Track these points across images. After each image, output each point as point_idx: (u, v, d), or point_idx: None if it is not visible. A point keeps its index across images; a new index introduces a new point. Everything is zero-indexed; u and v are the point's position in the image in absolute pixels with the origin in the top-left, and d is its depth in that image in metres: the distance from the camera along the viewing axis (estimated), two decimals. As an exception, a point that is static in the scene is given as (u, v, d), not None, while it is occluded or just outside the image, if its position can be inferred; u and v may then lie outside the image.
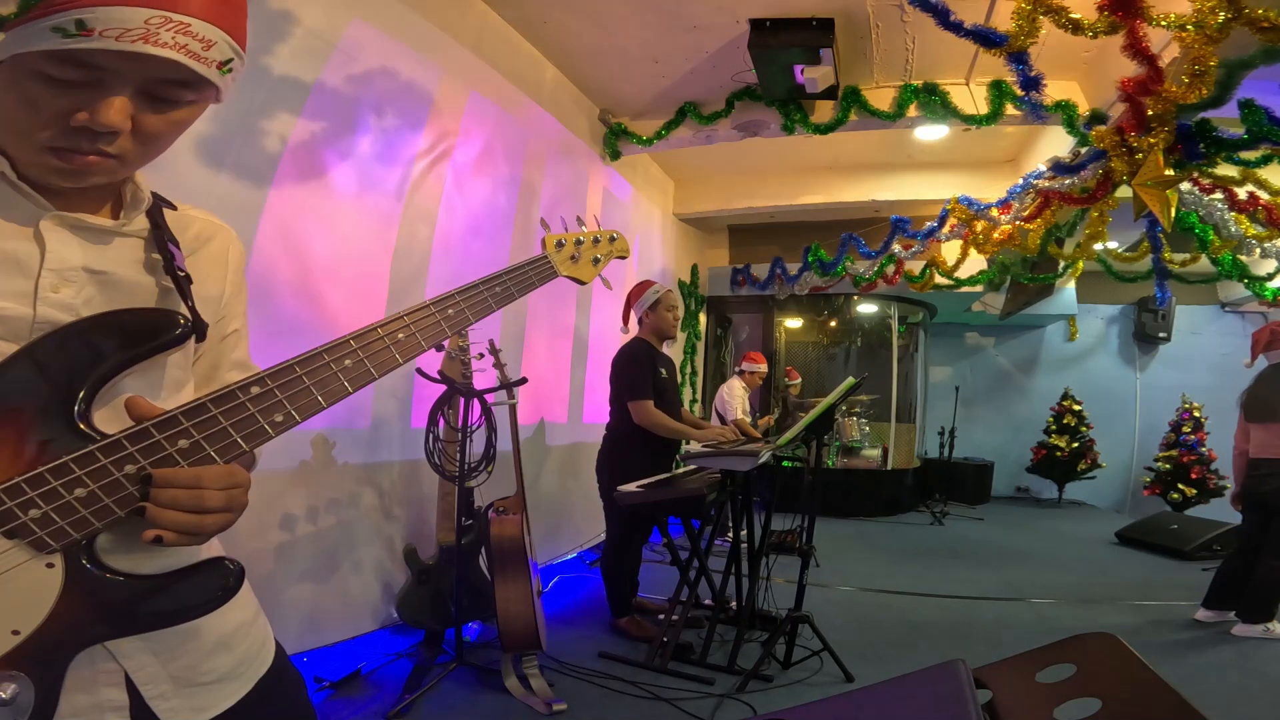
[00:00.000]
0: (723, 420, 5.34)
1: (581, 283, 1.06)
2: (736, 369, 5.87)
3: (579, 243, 1.05)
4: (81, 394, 0.65)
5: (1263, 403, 3.69)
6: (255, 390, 0.70)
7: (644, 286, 3.54)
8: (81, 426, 0.65)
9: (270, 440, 0.72)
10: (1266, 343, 3.75)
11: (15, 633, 0.61)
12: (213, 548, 0.87)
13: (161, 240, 0.79)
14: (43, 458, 0.62)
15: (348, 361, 0.74)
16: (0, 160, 0.68)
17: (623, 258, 1.13)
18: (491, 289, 0.89)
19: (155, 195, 0.82)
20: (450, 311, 0.84)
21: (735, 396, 5.57)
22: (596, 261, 1.06)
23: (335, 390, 0.74)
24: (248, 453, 0.71)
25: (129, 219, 0.77)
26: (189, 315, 0.74)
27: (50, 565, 0.63)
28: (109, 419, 0.70)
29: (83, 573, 0.64)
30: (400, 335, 0.78)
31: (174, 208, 0.85)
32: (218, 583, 0.71)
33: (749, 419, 5.53)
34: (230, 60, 0.71)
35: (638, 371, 3.30)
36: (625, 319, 3.57)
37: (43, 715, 0.63)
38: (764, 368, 5.81)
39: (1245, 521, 3.78)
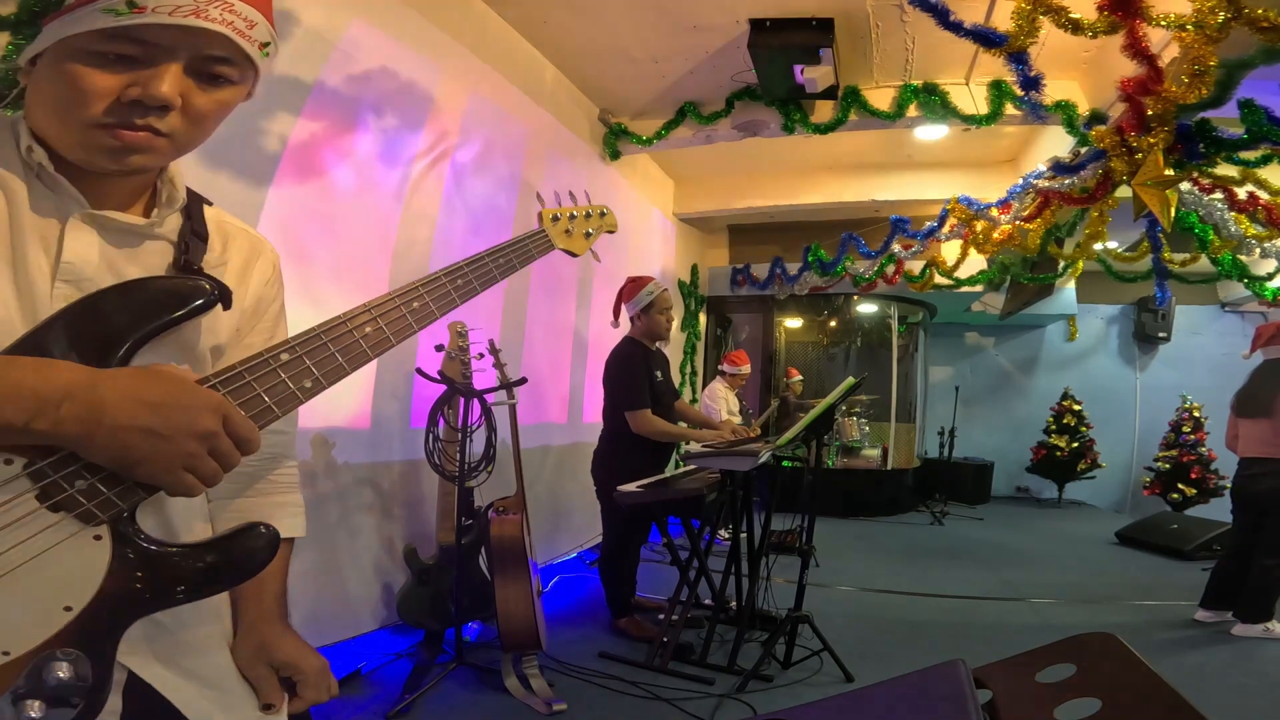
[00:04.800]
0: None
1: (574, 254, 1.11)
2: (719, 369, 5.85)
3: (573, 217, 1.09)
4: (115, 362, 0.64)
5: (1253, 398, 3.68)
6: (285, 357, 0.71)
7: (638, 284, 3.38)
8: None
9: (300, 405, 0.73)
10: (1269, 338, 3.73)
11: (68, 609, 0.61)
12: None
13: (187, 234, 0.79)
14: None
15: (368, 329, 0.77)
16: (39, 151, 0.68)
17: (611, 231, 1.17)
18: (496, 260, 0.92)
19: (190, 191, 0.82)
20: (460, 282, 0.87)
21: (718, 399, 5.54)
22: (588, 235, 1.11)
23: (358, 356, 0.76)
24: (280, 417, 0.71)
25: (161, 218, 0.77)
26: (215, 281, 0.73)
27: (98, 538, 0.62)
28: None
29: (130, 544, 0.64)
30: (415, 304, 0.82)
31: (209, 203, 0.85)
32: (256, 546, 0.71)
33: (738, 419, 5.50)
34: (269, 44, 0.73)
35: (632, 379, 3.21)
36: (616, 314, 3.43)
37: (99, 693, 0.62)
38: (745, 369, 5.68)
39: (1236, 522, 3.77)
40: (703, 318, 8.09)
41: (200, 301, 0.70)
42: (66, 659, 0.60)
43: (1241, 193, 3.91)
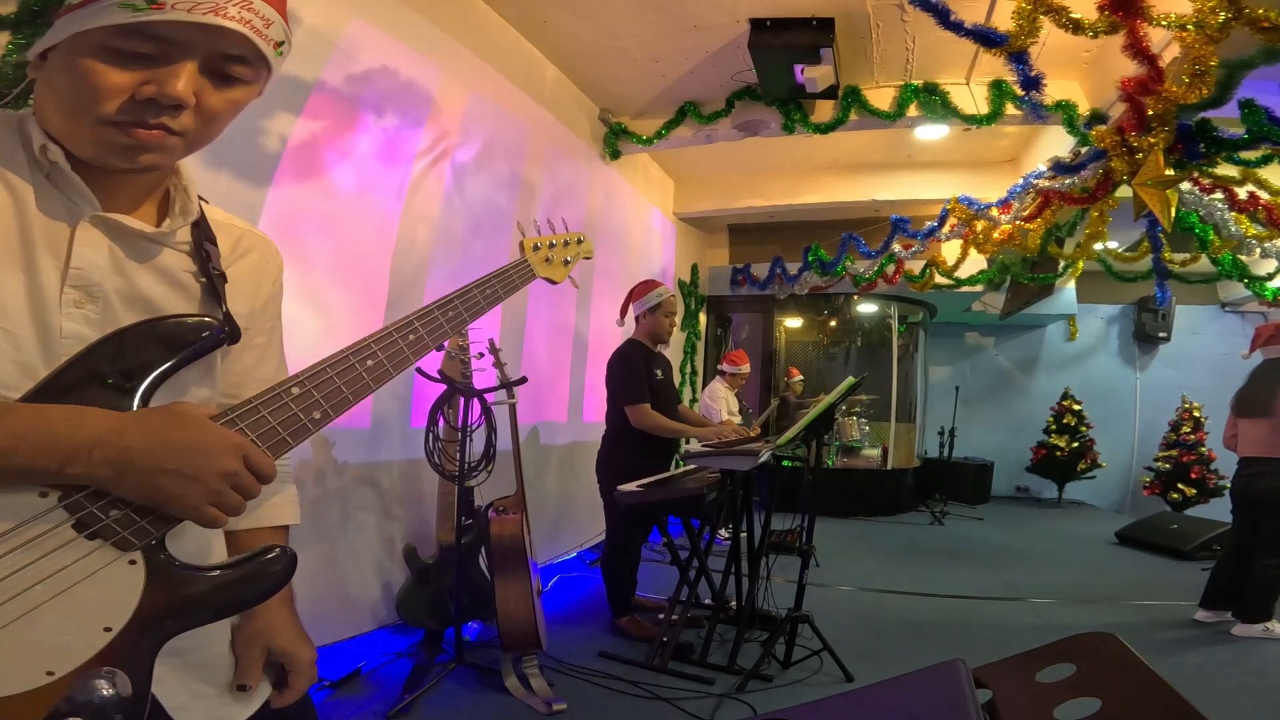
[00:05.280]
0: None
1: (554, 282, 1.16)
2: (718, 369, 5.85)
3: (552, 245, 1.15)
4: (136, 400, 0.68)
5: (1253, 398, 3.68)
6: (295, 391, 0.74)
7: (648, 286, 3.52)
8: None
9: (311, 435, 0.76)
10: (1268, 337, 3.73)
11: (108, 629, 0.63)
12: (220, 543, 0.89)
13: (200, 242, 0.80)
14: None
15: (370, 362, 0.81)
16: (55, 150, 0.67)
17: (588, 258, 1.23)
18: (483, 291, 0.96)
19: (202, 201, 0.83)
20: (450, 313, 0.91)
21: (718, 399, 5.55)
22: (566, 263, 1.17)
23: (361, 389, 0.80)
24: (293, 447, 0.74)
25: (173, 228, 0.77)
26: (221, 319, 0.76)
27: (132, 562, 0.65)
28: None
29: (161, 568, 0.67)
30: (411, 336, 0.85)
31: (206, 202, 0.86)
32: (277, 568, 0.75)
33: (737, 419, 5.51)
34: (283, 43, 0.73)
35: (632, 375, 3.29)
36: (623, 314, 3.56)
37: (138, 708, 0.65)
38: (745, 369, 5.71)
39: (1236, 522, 3.77)
40: (703, 317, 8.09)
41: (211, 340, 0.73)
42: (107, 677, 0.63)
43: (1242, 193, 3.91)
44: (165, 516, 0.66)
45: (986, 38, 2.83)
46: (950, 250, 6.25)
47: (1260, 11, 2.31)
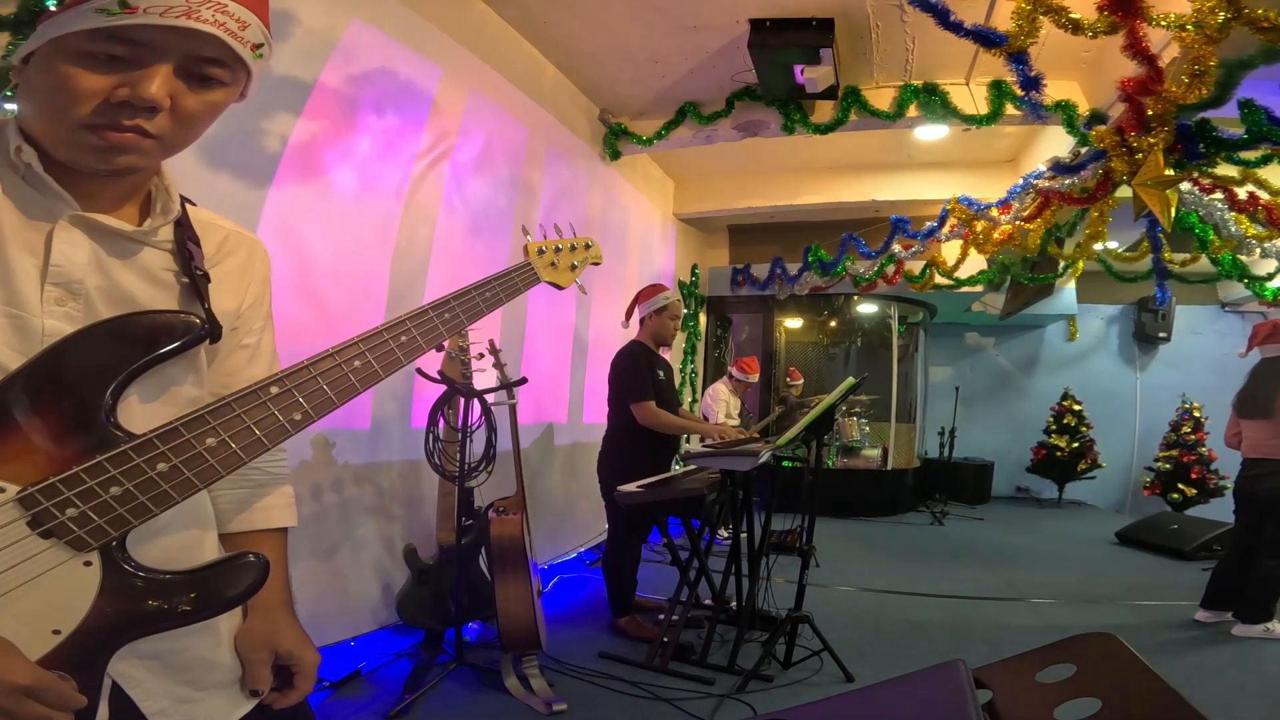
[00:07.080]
0: None
1: (560, 288, 1.10)
2: (728, 371, 5.87)
3: (558, 250, 1.09)
4: (107, 394, 0.66)
5: (1253, 398, 3.68)
6: (274, 390, 0.72)
7: (655, 290, 3.57)
8: (110, 427, 0.65)
9: (289, 438, 0.73)
10: (1265, 336, 3.73)
11: (56, 632, 0.62)
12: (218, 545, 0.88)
13: (183, 241, 0.79)
14: (75, 458, 0.63)
15: (357, 362, 0.78)
16: (29, 151, 0.67)
17: (596, 264, 1.17)
18: (483, 294, 0.93)
19: (183, 199, 0.82)
20: (447, 315, 0.87)
21: (719, 400, 5.57)
22: (574, 268, 1.11)
23: (347, 390, 0.77)
24: (269, 449, 0.72)
25: (154, 227, 0.77)
26: (203, 317, 0.75)
27: (88, 564, 0.63)
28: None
29: (119, 571, 0.65)
30: (403, 338, 0.82)
31: (193, 203, 0.86)
32: (247, 576, 0.72)
33: (735, 421, 5.52)
34: (261, 45, 0.72)
35: (637, 373, 3.32)
36: (628, 315, 3.60)
37: (87, 715, 0.62)
38: (754, 379, 5.75)
39: (1238, 522, 3.77)
40: (703, 318, 8.09)
41: (190, 338, 0.71)
42: None
43: (1241, 193, 3.91)
44: (124, 515, 0.63)
45: (986, 38, 2.83)
46: (950, 250, 6.25)
47: (1260, 11, 2.31)
